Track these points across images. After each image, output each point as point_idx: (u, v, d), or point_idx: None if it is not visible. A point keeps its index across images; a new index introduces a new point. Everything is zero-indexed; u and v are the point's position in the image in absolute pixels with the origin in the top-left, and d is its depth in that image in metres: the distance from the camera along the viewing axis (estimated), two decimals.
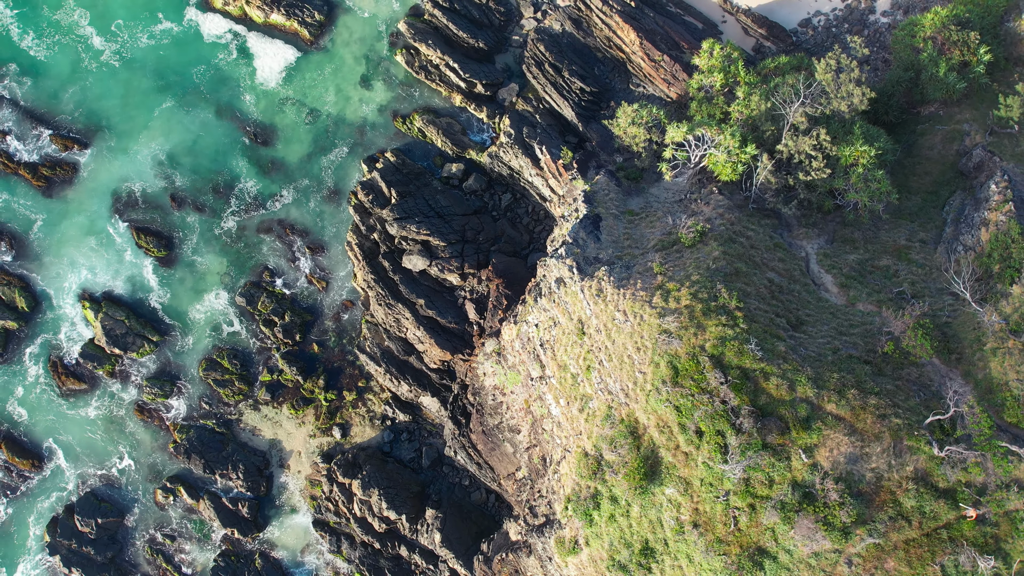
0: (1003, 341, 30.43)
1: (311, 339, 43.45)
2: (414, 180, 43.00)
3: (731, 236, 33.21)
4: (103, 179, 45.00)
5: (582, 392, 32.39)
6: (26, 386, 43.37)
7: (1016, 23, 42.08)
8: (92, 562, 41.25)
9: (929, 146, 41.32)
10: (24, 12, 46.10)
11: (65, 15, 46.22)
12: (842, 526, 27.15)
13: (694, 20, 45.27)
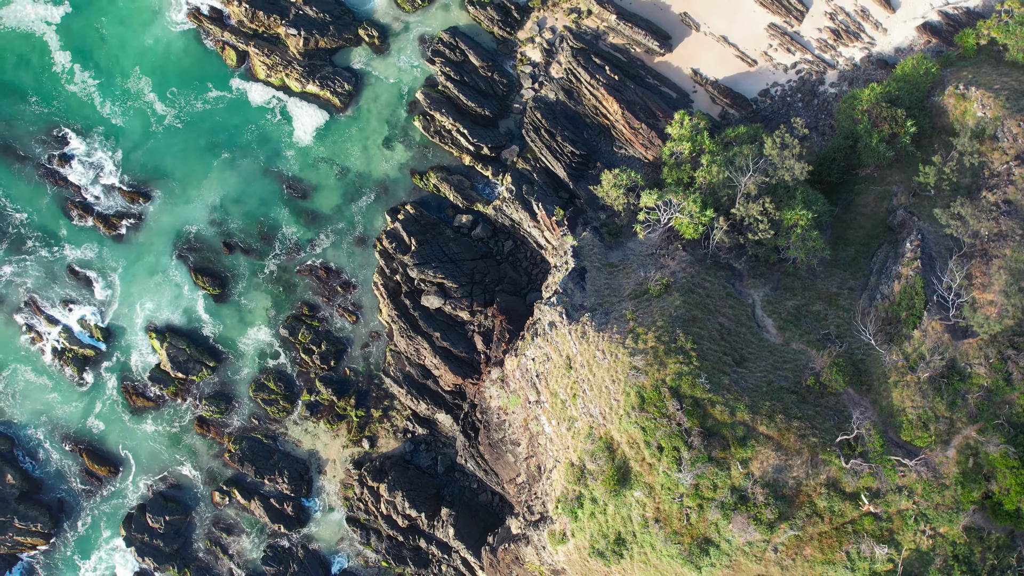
0: (903, 375, 38.33)
1: (344, 365, 51.71)
2: (430, 229, 51.07)
3: (691, 287, 41.20)
4: (165, 226, 53.32)
5: (569, 414, 40.43)
6: (103, 404, 51.78)
7: (940, 98, 49.98)
8: (161, 553, 49.61)
9: (864, 203, 49.20)
10: (102, 81, 54.54)
11: (133, 83, 54.52)
12: (768, 521, 35.14)
13: (669, 90, 53.18)
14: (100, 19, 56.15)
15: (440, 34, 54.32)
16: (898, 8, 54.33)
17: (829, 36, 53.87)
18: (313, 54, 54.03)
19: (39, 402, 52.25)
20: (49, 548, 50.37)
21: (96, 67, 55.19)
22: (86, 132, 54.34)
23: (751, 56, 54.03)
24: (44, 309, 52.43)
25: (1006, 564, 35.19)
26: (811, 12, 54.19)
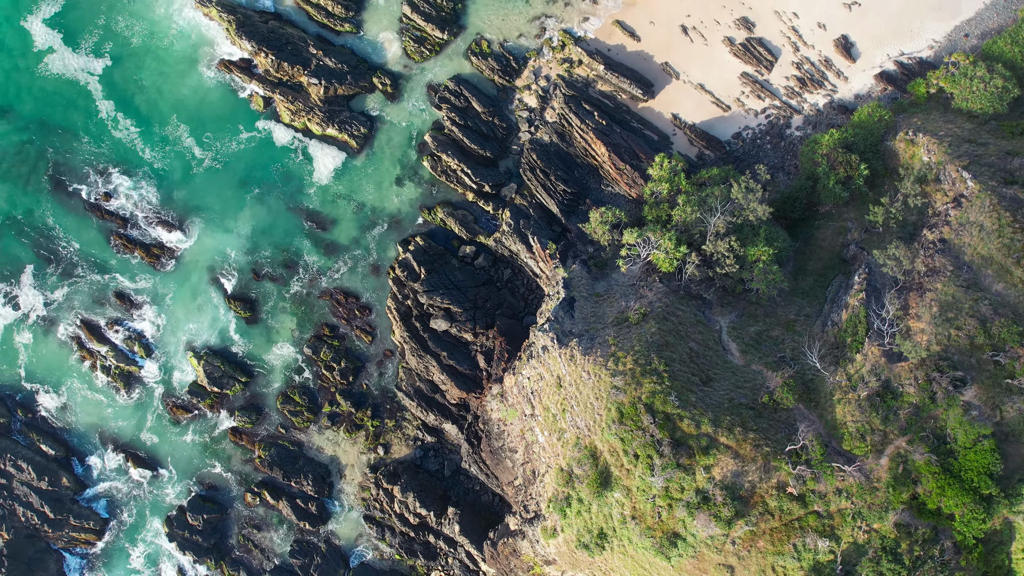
0: (845, 394, 44.56)
1: (361, 380, 58.17)
2: (437, 259, 57.41)
3: (665, 315, 47.49)
4: (201, 255, 59.87)
5: (559, 426, 46.75)
6: (148, 416, 58.34)
7: (892, 142, 56.13)
8: (200, 547, 56.12)
9: (822, 238, 55.35)
10: (144, 129, 61.06)
11: (172, 129, 61.07)
12: (727, 518, 41.38)
13: (651, 133, 59.45)
14: (139, 71, 62.79)
15: (446, 82, 60.75)
16: (858, 58, 60.60)
17: (796, 84, 60.10)
18: (332, 100, 60.52)
19: (91, 414, 58.91)
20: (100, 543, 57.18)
21: (137, 115, 61.79)
22: (131, 172, 60.91)
23: (725, 102, 60.31)
24: (93, 330, 59.13)
25: (929, 555, 41.40)
26: (779, 62, 60.49)
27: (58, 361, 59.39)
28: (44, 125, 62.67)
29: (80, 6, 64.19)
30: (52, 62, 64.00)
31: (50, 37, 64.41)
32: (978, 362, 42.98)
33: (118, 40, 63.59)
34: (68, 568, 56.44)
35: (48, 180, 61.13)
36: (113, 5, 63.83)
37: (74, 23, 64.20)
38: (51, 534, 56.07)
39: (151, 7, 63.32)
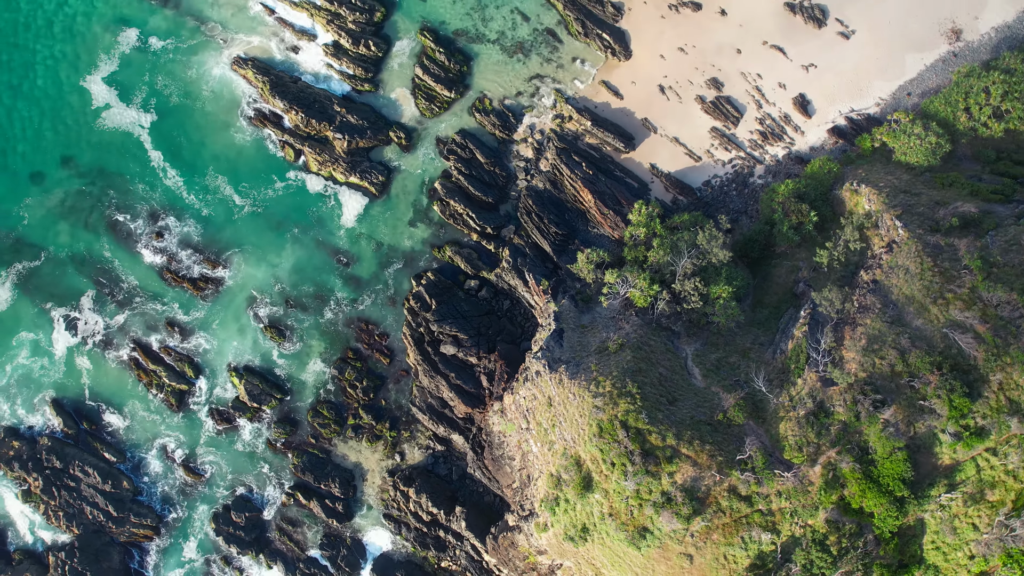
0: (787, 412, 53.43)
1: (380, 396, 67.47)
2: (446, 292, 66.52)
3: (639, 345, 56.46)
4: (241, 288, 69.16)
5: (550, 439, 55.82)
6: (195, 427, 67.70)
7: (840, 191, 64.84)
8: (243, 541, 65.47)
9: (778, 275, 64.13)
10: (187, 178, 70.36)
11: (211, 180, 70.38)
12: (686, 516, 50.33)
13: (632, 181, 68.44)
14: (182, 125, 72.13)
15: (453, 136, 69.97)
16: (813, 114, 69.42)
17: (758, 137, 68.96)
18: (354, 152, 69.73)
19: (146, 425, 68.39)
20: (157, 538, 66.58)
21: (183, 164, 71.18)
22: (179, 215, 70.27)
23: (697, 153, 69.26)
24: (148, 352, 68.45)
25: (854, 546, 50.29)
26: (745, 117, 69.38)
27: (117, 379, 68.86)
28: (102, 172, 72.12)
29: (131, 66, 73.58)
30: (109, 116, 73.39)
31: (107, 94, 73.84)
32: (896, 386, 51.88)
33: (163, 97, 72.97)
34: (130, 559, 65.92)
35: (106, 220, 70.62)
36: (159, 65, 73.14)
37: (126, 81, 73.55)
38: (114, 530, 65.58)
39: (192, 67, 72.65)
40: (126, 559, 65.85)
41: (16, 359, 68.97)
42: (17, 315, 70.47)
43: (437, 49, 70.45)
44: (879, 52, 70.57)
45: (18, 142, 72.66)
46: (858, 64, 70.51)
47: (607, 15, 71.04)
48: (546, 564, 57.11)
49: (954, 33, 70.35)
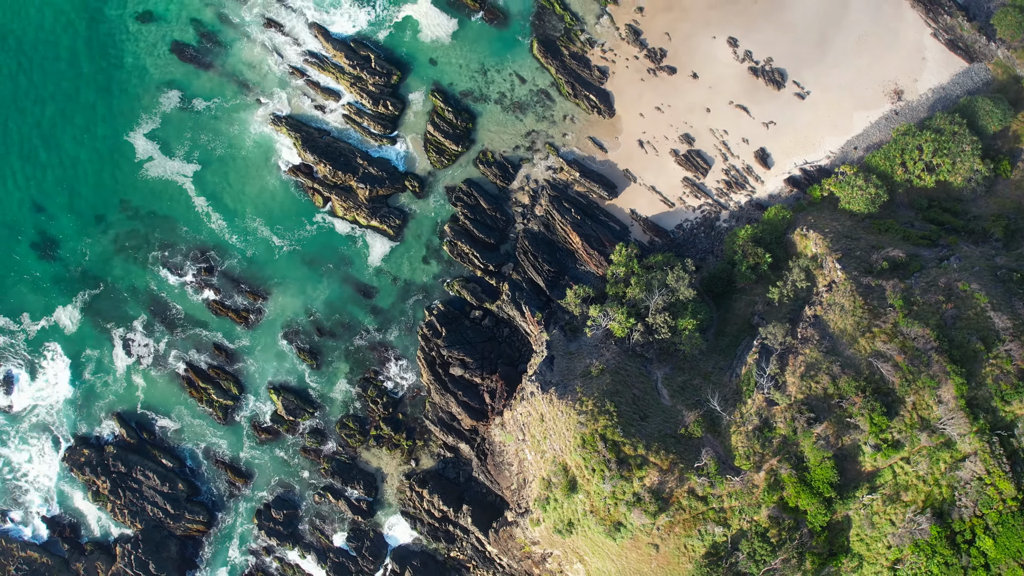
0: (738, 427, 64.30)
1: (398, 411, 78.68)
2: (454, 321, 77.61)
3: (617, 370, 67.41)
4: (278, 317, 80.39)
5: (542, 448, 66.89)
6: (240, 436, 79.07)
7: (792, 235, 75.48)
8: (281, 534, 76.76)
9: (738, 308, 74.91)
10: (229, 221, 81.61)
11: (251, 222, 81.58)
12: (653, 512, 61.30)
13: (615, 224, 79.33)
14: (224, 175, 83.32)
15: (460, 184, 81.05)
16: (772, 166, 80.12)
17: (724, 186, 79.73)
18: (375, 199, 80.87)
19: (197, 435, 79.80)
20: (209, 532, 78.05)
21: (225, 210, 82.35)
22: (222, 253, 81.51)
23: (670, 200, 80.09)
24: (198, 372, 79.80)
25: (791, 538, 61.23)
26: (712, 169, 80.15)
27: (170, 395, 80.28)
28: (152, 215, 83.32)
29: (172, 122, 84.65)
30: (152, 167, 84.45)
31: (149, 148, 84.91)
32: (828, 406, 62.70)
33: (205, 149, 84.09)
34: (185, 550, 77.33)
35: (157, 257, 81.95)
36: (199, 121, 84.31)
37: (168, 136, 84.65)
38: (172, 525, 76.98)
39: (232, 123, 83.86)
40: (182, 550, 77.34)
41: (83, 375, 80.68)
42: (83, 336, 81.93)
43: (446, 108, 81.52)
44: (830, 110, 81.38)
45: (81, 188, 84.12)
46: (812, 121, 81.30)
47: (594, 78, 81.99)
48: (539, 553, 68.31)
49: (896, 94, 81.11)
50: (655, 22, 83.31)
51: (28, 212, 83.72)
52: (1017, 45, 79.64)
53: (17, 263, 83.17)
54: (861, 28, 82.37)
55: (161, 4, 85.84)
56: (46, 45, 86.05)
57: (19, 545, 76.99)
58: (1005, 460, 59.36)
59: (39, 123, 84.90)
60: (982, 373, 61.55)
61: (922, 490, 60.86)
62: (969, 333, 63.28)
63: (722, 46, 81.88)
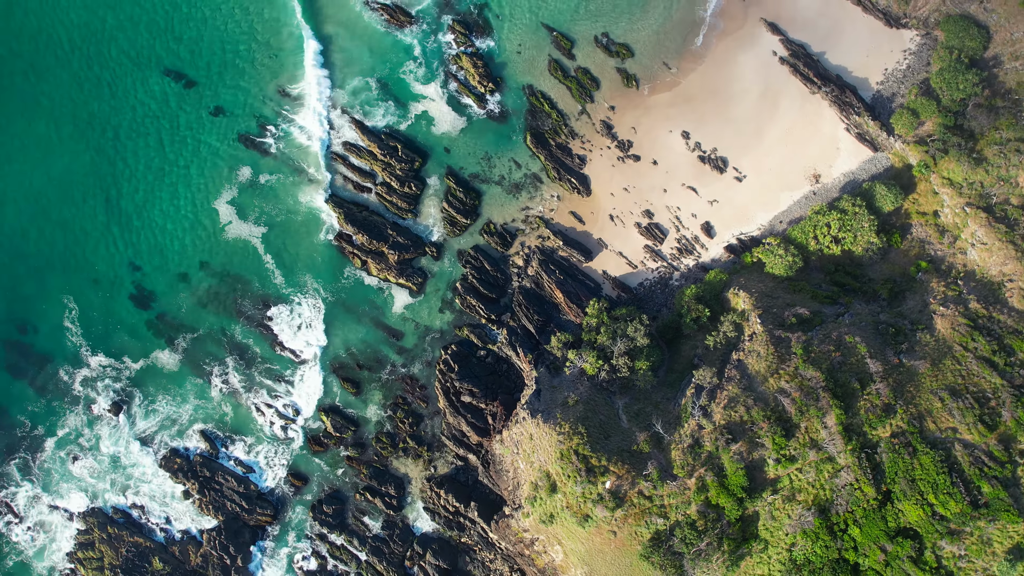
0: (677, 444, 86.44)
1: (421, 428, 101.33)
2: (464, 359, 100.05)
3: (588, 400, 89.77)
4: (327, 354, 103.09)
5: (531, 460, 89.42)
6: (297, 448, 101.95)
7: (727, 293, 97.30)
8: (331, 524, 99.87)
9: (685, 351, 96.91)
10: (287, 276, 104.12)
11: (302, 276, 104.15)
12: (612, 508, 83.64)
13: (590, 282, 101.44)
14: (283, 237, 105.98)
15: (468, 250, 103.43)
16: (714, 236, 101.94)
17: (676, 252, 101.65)
18: (402, 261, 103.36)
19: (264, 448, 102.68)
20: (274, 522, 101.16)
21: (284, 268, 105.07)
22: (283, 302, 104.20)
23: (634, 263, 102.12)
24: (263, 397, 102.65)
25: (714, 527, 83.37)
26: (668, 238, 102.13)
27: (244, 416, 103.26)
28: (228, 273, 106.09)
29: (246, 193, 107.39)
30: (230, 230, 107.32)
31: (229, 213, 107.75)
32: (742, 430, 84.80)
33: (270, 216, 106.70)
34: (256, 536, 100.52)
35: (234, 308, 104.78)
36: (265, 194, 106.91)
37: (243, 203, 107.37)
38: (245, 517, 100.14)
39: (289, 196, 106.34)
40: (254, 536, 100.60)
41: (177, 403, 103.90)
42: (184, 373, 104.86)
43: (457, 188, 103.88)
44: (762, 191, 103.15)
45: (170, 252, 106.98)
46: (747, 200, 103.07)
47: (574, 164, 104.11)
48: (529, 538, 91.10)
49: (815, 177, 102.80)
50: (624, 118, 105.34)
51: (126, 270, 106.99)
52: (910, 140, 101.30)
53: (118, 313, 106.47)
54: (788, 123, 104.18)
55: (229, 101, 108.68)
56: (138, 134, 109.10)
57: (129, 531, 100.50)
58: (869, 471, 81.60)
59: (133, 197, 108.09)
60: (857, 406, 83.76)
61: (810, 492, 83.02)
62: (850, 375, 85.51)
63: (677, 138, 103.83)
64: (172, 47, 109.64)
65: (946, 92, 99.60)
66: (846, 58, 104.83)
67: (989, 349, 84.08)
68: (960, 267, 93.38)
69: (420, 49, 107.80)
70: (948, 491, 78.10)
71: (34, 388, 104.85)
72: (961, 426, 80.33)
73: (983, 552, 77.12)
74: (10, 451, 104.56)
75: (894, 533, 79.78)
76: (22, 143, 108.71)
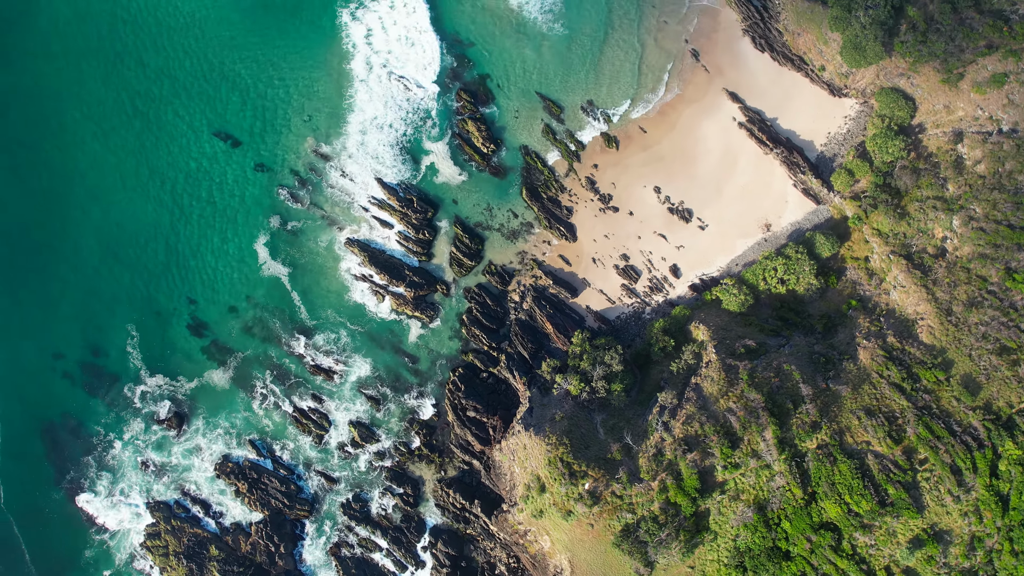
0: (644, 454, 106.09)
1: (433, 438, 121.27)
2: (469, 380, 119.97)
3: (571, 416, 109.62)
4: (355, 375, 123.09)
5: (524, 465, 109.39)
6: (329, 456, 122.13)
7: (689, 327, 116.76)
8: (358, 518, 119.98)
9: (653, 375, 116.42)
10: (311, 311, 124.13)
11: (326, 311, 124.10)
12: (589, 505, 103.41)
13: (575, 315, 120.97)
14: (312, 277, 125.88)
15: (473, 287, 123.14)
16: (680, 276, 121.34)
17: (648, 289, 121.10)
18: (417, 297, 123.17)
19: (300, 454, 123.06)
20: (311, 516, 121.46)
21: (316, 301, 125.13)
22: (310, 334, 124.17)
23: (613, 299, 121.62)
24: (301, 412, 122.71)
25: (673, 520, 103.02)
26: (641, 278, 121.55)
27: (284, 427, 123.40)
28: (266, 305, 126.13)
29: (280, 237, 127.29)
30: (265, 268, 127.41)
31: (264, 252, 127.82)
32: (697, 441, 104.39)
33: (295, 257, 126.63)
34: (296, 528, 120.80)
35: (275, 334, 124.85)
36: (295, 237, 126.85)
37: (277, 245, 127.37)
38: (287, 511, 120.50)
39: (318, 239, 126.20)
40: (294, 528, 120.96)
41: (235, 416, 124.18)
42: (233, 390, 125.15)
43: (464, 235, 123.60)
44: (721, 238, 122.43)
45: (221, 287, 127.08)
46: (708, 245, 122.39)
47: (563, 215, 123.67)
48: (523, 529, 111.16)
49: (767, 226, 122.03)
50: (605, 175, 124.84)
51: (184, 303, 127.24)
52: (847, 195, 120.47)
53: (177, 340, 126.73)
54: (745, 179, 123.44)
55: (270, 158, 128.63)
56: (192, 187, 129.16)
57: (189, 524, 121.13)
58: (798, 476, 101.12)
59: (189, 242, 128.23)
60: (790, 423, 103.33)
61: (751, 493, 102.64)
62: (785, 397, 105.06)
63: (650, 192, 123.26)
64: (220, 112, 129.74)
65: (878, 155, 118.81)
66: (795, 123, 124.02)
67: (899, 377, 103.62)
68: (883, 306, 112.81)
69: (433, 113, 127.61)
70: (861, 493, 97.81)
71: (106, 403, 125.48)
72: (873, 440, 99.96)
73: (889, 542, 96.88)
74: (88, 456, 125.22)
75: (818, 526, 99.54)
76: (94, 195, 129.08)
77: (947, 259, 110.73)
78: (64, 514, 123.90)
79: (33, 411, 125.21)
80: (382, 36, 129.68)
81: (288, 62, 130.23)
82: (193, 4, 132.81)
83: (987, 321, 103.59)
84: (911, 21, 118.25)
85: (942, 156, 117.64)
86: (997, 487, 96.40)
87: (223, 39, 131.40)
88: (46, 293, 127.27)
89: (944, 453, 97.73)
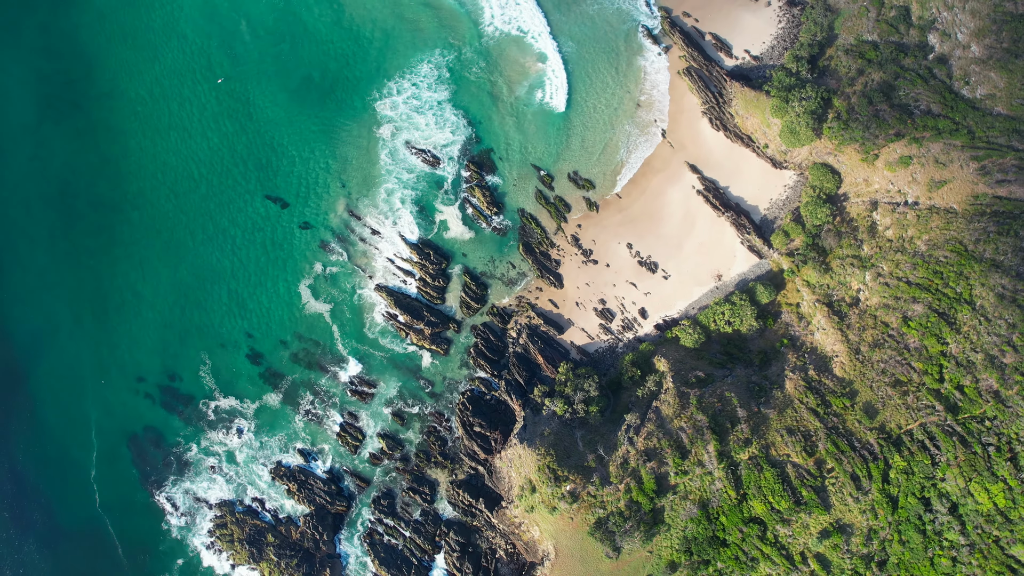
0: (615, 463, 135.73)
1: (447, 449, 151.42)
2: (476, 401, 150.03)
3: (557, 432, 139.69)
4: (382, 397, 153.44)
5: (519, 470, 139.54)
6: (361, 463, 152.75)
7: (653, 360, 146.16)
8: (385, 511, 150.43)
9: (624, 398, 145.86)
10: (347, 343, 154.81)
11: (360, 344, 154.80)
12: (570, 503, 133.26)
13: (563, 349, 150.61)
14: (350, 313, 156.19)
15: (478, 325, 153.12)
16: (647, 318, 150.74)
17: (621, 328, 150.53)
18: (433, 334, 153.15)
19: (337, 459, 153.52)
20: (349, 510, 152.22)
21: (349, 335, 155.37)
22: (352, 359, 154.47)
23: (592, 336, 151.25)
24: (341, 426, 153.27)
25: (634, 514, 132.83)
26: (615, 318, 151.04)
27: (326, 438, 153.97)
28: (310, 338, 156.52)
29: (319, 281, 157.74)
30: (307, 307, 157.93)
31: (307, 294, 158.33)
32: (655, 453, 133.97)
33: (335, 295, 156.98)
34: (337, 520, 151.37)
35: (315, 363, 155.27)
36: (333, 279, 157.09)
37: (318, 288, 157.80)
38: (329, 506, 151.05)
39: (351, 283, 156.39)
40: (335, 520, 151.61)
41: (286, 429, 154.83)
42: (284, 408, 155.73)
43: (471, 283, 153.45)
44: (681, 286, 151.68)
45: (274, 324, 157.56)
46: (671, 292, 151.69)
47: (552, 266, 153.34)
48: (518, 522, 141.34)
49: (718, 276, 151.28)
50: (587, 233, 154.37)
51: (243, 337, 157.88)
52: (783, 252, 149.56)
53: (238, 367, 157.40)
54: (702, 237, 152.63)
55: (312, 218, 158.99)
56: (248, 241, 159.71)
57: (250, 516, 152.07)
58: (733, 481, 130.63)
59: (247, 286, 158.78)
60: (728, 439, 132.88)
61: (696, 493, 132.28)
62: (725, 418, 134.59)
63: (623, 248, 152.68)
64: (271, 178, 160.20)
65: (809, 219, 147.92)
66: (744, 190, 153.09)
67: (815, 403, 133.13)
68: (808, 344, 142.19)
69: (446, 182, 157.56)
70: (781, 494, 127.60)
71: (182, 419, 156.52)
72: (792, 453, 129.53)
73: (804, 532, 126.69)
74: (167, 462, 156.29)
75: (748, 520, 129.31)
76: (167, 247, 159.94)
77: (859, 307, 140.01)
78: (147, 511, 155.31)
79: (122, 426, 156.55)
80: (407, 114, 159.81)
81: (324, 139, 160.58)
82: (247, 84, 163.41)
83: (886, 359, 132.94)
84: (836, 111, 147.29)
85: (860, 221, 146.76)
86: (888, 491, 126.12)
87: (275, 118, 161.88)
88: (129, 329, 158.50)
89: (847, 464, 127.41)
